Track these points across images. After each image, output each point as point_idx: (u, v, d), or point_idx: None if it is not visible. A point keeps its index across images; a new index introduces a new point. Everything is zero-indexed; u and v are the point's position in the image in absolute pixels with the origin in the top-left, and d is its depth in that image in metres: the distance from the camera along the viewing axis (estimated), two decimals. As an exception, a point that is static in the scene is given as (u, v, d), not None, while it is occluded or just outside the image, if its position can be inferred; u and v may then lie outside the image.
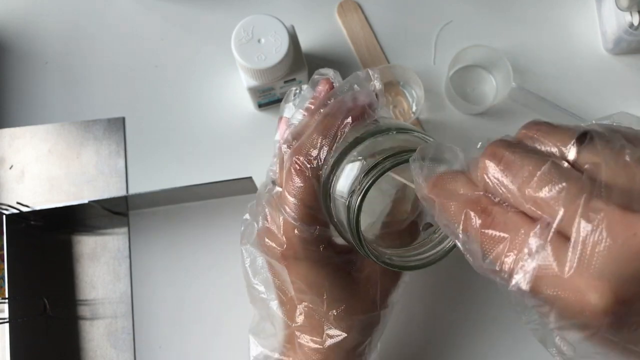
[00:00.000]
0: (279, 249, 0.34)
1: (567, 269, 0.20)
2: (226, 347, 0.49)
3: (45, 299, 0.47)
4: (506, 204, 0.22)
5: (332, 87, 0.37)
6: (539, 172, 0.21)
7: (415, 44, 0.55)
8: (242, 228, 0.38)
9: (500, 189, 0.22)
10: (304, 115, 0.36)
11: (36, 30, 0.55)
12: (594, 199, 0.20)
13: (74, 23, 0.56)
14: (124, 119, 0.53)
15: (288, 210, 0.33)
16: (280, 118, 0.39)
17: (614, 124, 0.23)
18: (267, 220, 0.35)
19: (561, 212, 0.20)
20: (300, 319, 0.35)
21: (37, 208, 0.46)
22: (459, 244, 0.24)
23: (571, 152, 0.21)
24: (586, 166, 0.21)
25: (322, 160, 0.32)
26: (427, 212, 0.28)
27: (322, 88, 0.37)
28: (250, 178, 0.46)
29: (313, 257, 0.34)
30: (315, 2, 0.55)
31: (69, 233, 0.51)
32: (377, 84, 0.36)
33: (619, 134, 0.21)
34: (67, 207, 0.46)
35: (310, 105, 0.36)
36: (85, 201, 0.46)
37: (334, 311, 0.35)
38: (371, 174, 0.29)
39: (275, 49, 0.45)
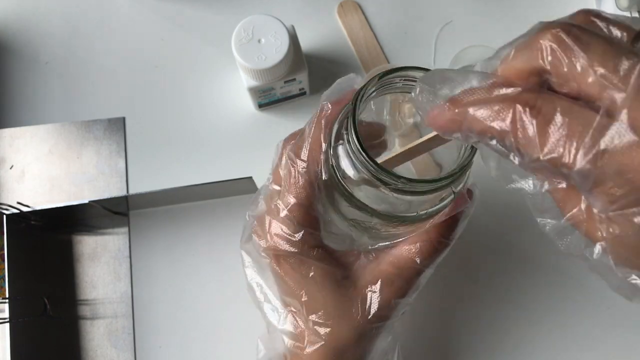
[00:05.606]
0: (284, 245, 0.33)
1: None
2: (226, 347, 0.49)
3: (45, 299, 0.47)
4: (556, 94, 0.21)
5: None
6: (615, 50, 0.20)
7: (415, 44, 0.55)
8: (243, 228, 0.38)
9: (568, 66, 0.21)
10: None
11: (36, 30, 0.56)
12: None
13: (74, 23, 0.56)
14: (124, 119, 0.53)
15: (285, 208, 0.33)
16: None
17: None
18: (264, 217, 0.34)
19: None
20: (285, 323, 0.34)
21: (38, 208, 0.46)
22: (499, 148, 0.22)
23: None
24: None
25: (309, 156, 0.32)
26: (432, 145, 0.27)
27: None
28: (250, 178, 0.46)
29: (305, 257, 0.33)
30: (315, 2, 0.55)
31: (69, 233, 0.51)
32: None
33: None
34: (67, 207, 0.46)
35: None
36: (86, 201, 0.46)
37: (314, 316, 0.33)
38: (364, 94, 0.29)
39: (275, 49, 0.45)
